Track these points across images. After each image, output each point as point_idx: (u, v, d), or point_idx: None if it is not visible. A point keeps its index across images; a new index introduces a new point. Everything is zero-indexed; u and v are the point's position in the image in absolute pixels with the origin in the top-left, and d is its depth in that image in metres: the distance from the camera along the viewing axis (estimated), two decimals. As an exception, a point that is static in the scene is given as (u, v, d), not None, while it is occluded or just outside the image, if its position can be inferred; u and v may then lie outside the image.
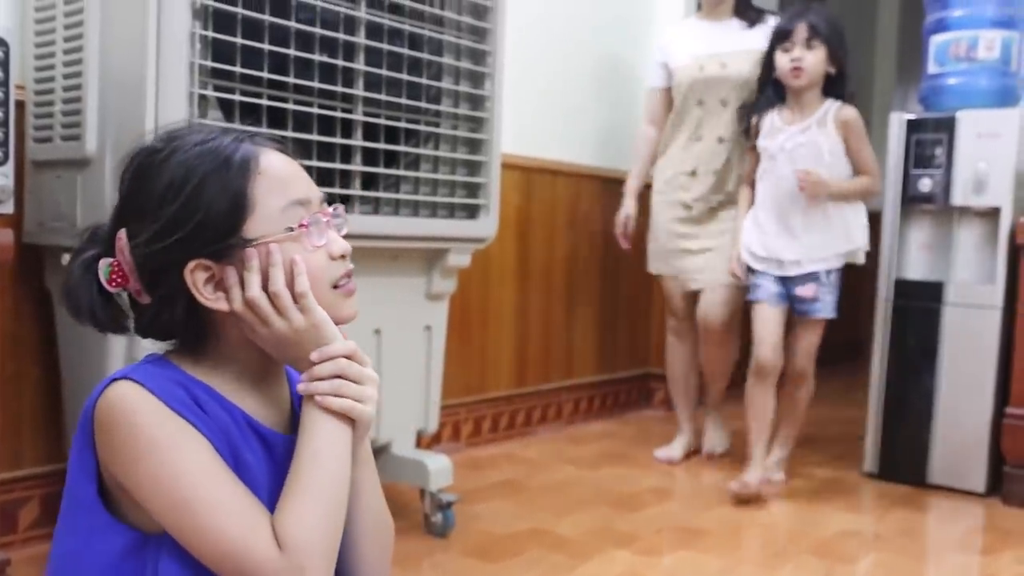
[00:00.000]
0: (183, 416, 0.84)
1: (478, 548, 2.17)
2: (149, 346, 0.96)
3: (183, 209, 0.86)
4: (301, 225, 0.89)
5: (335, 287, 0.92)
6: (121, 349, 1.78)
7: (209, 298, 0.88)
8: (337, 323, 0.91)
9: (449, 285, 2.28)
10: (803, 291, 2.71)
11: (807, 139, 2.67)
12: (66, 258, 1.77)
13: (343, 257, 0.92)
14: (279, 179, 0.89)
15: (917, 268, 2.97)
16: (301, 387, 0.89)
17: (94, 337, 1.82)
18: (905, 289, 2.93)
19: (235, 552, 0.81)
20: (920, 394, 2.87)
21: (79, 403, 1.92)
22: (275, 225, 0.88)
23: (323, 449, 0.88)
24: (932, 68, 2.98)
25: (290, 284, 0.88)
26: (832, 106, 2.70)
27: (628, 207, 3.14)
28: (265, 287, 0.87)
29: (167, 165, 0.87)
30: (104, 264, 0.90)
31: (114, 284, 0.89)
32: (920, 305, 2.89)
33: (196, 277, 0.87)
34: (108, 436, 0.85)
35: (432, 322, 2.27)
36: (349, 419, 0.90)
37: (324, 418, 0.89)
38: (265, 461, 0.90)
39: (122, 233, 0.89)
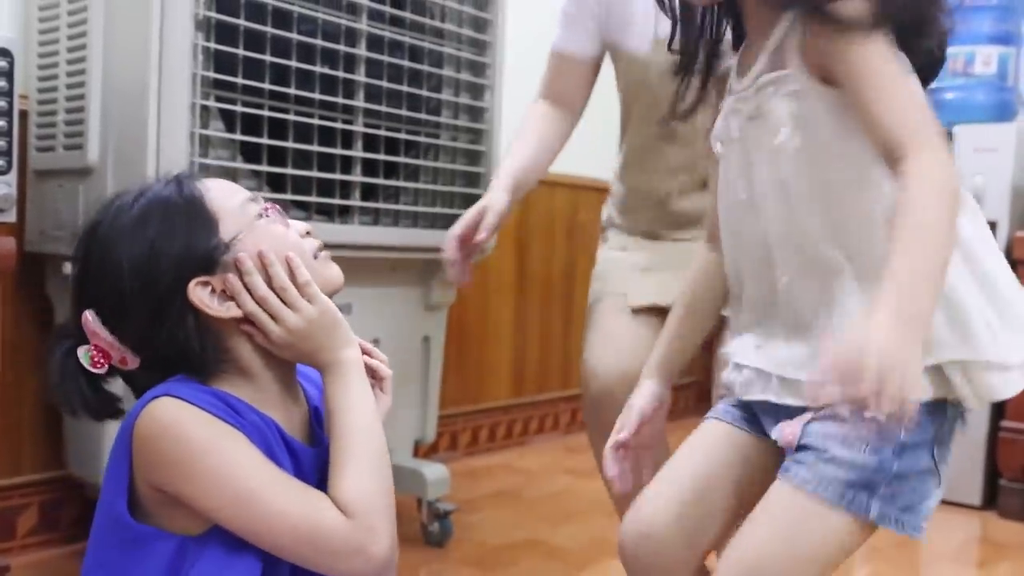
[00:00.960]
0: (226, 421, 0.88)
1: (475, 557, 2.18)
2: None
3: (155, 249, 0.89)
4: (266, 209, 0.95)
5: (315, 256, 0.97)
6: (121, 357, 1.79)
7: (218, 310, 0.90)
8: (329, 292, 0.96)
9: (448, 296, 2.29)
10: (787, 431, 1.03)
11: (756, 108, 1.02)
12: (68, 266, 1.80)
13: (308, 234, 0.98)
14: (223, 187, 0.95)
15: (914, 281, 2.99)
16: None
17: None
18: (902, 302, 2.95)
19: (307, 530, 0.85)
20: (916, 407, 2.88)
21: (79, 411, 1.92)
22: (243, 219, 0.93)
23: (358, 415, 0.92)
24: (929, 83, 3.01)
25: (292, 278, 0.91)
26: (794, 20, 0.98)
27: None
28: (271, 286, 0.91)
29: (117, 229, 0.91)
30: (83, 351, 0.92)
31: (99, 365, 0.91)
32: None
33: (200, 294, 0.90)
34: (154, 449, 0.86)
35: (430, 332, 2.28)
36: (370, 381, 0.97)
37: (351, 385, 0.93)
38: (293, 470, 0.92)
39: (88, 314, 0.91)
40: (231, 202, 0.93)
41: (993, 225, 2.79)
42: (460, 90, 2.21)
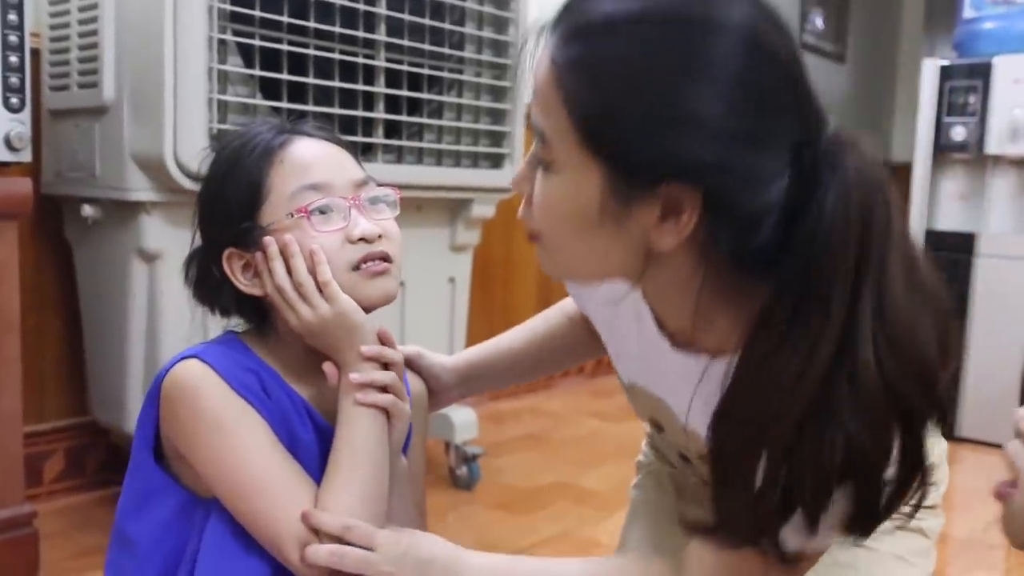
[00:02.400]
0: (246, 399, 0.87)
1: (504, 501, 2.16)
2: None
3: (211, 199, 0.91)
4: (299, 210, 0.87)
5: (356, 269, 0.89)
6: (143, 301, 1.76)
7: (245, 284, 0.89)
8: (363, 306, 0.89)
9: (473, 236, 2.24)
10: None
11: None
12: (86, 208, 1.76)
13: (364, 240, 0.89)
14: (298, 165, 0.89)
15: (948, 219, 2.91)
16: (359, 396, 0.88)
17: (115, 288, 1.80)
18: (935, 240, 2.88)
19: (277, 534, 0.84)
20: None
21: (100, 354, 1.91)
22: (284, 211, 0.88)
23: (354, 431, 0.88)
24: (968, 12, 2.90)
25: (313, 272, 0.87)
26: None
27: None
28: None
29: (213, 161, 0.92)
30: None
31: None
32: (951, 256, 2.83)
33: (232, 264, 0.89)
34: (173, 411, 0.87)
35: (456, 274, 2.24)
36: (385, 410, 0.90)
37: (364, 410, 0.89)
38: (317, 446, 0.91)
39: None
40: (288, 187, 0.88)
41: (1032, 160, 2.71)
42: (484, 23, 2.13)
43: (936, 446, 0.96)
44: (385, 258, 0.90)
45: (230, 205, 0.89)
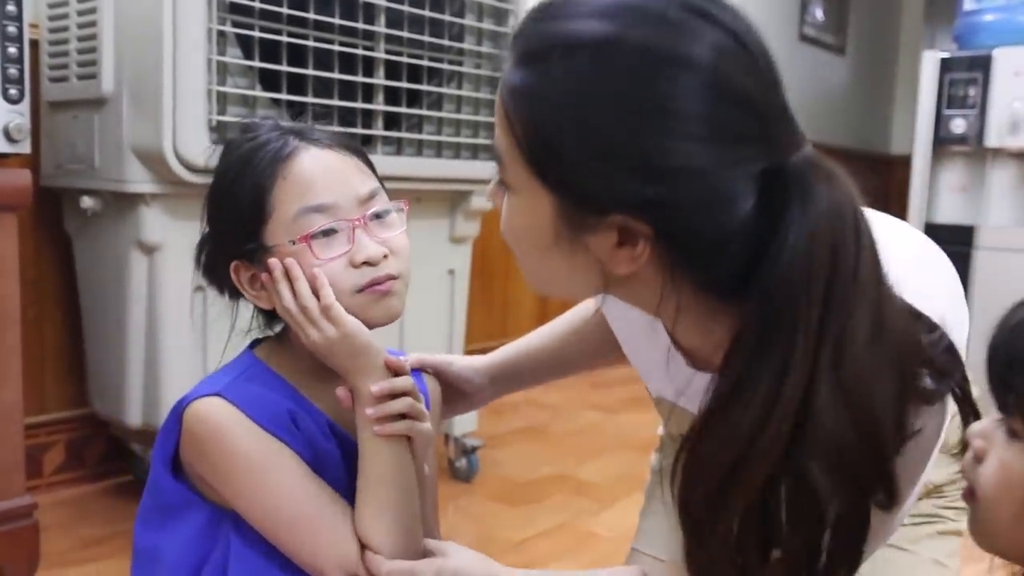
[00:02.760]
0: (275, 435, 0.86)
1: (502, 492, 2.16)
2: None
3: (217, 207, 0.90)
4: (302, 238, 0.85)
5: (361, 291, 0.87)
6: (142, 293, 1.76)
7: (253, 294, 0.90)
8: (368, 326, 0.87)
9: (472, 228, 2.24)
10: None
11: None
12: (85, 200, 1.76)
13: (367, 263, 0.87)
14: (301, 183, 0.87)
15: (948, 211, 2.91)
16: (376, 428, 0.87)
17: (114, 280, 1.80)
18: (935, 233, 2.86)
19: (320, 566, 0.85)
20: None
21: (100, 346, 1.91)
22: (287, 234, 0.86)
23: (386, 470, 0.87)
24: (968, 5, 2.89)
25: (317, 295, 0.86)
26: None
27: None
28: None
29: (221, 163, 0.91)
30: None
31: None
32: (950, 249, 2.81)
33: (240, 276, 0.89)
34: (200, 449, 0.87)
35: (456, 266, 2.24)
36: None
37: (384, 441, 0.88)
38: (342, 460, 0.91)
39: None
40: (290, 208, 0.86)
41: (1032, 152, 2.71)
42: (483, 15, 2.13)
43: None
44: (391, 277, 0.89)
45: (236, 217, 0.88)
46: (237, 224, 0.88)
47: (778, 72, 0.67)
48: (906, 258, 0.73)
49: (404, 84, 1.95)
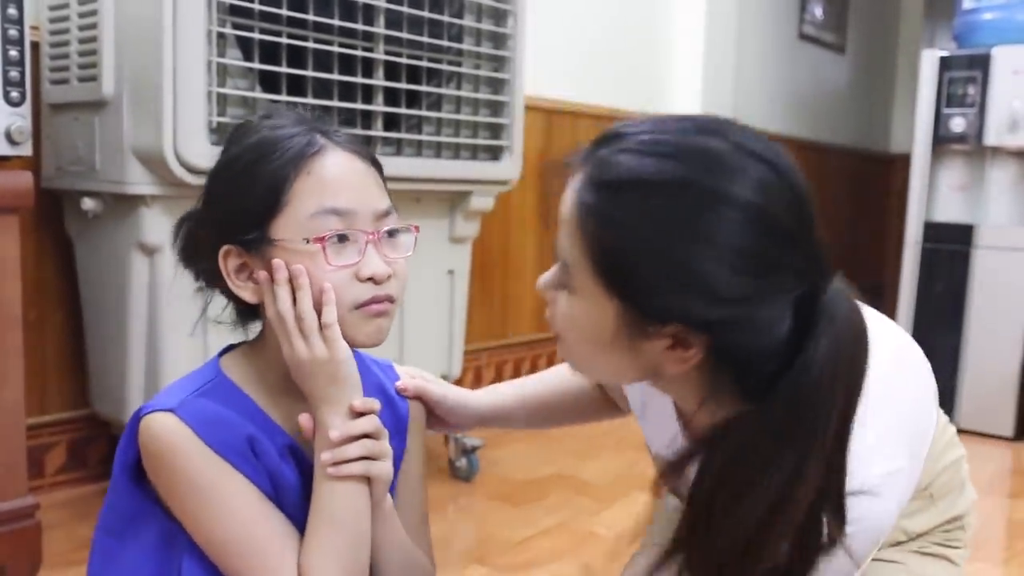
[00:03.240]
0: (227, 459, 0.85)
1: (502, 492, 2.17)
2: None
3: (224, 188, 0.87)
4: (317, 239, 0.83)
5: (359, 307, 0.86)
6: (143, 295, 1.76)
7: (238, 284, 0.87)
8: (353, 346, 0.87)
9: (472, 228, 2.25)
10: None
11: None
12: (86, 202, 1.77)
13: (372, 280, 0.86)
14: (323, 182, 0.84)
15: (947, 210, 2.92)
16: (331, 470, 0.85)
17: (115, 282, 1.81)
18: (934, 232, 2.88)
19: None
20: (948, 338, 2.84)
21: (101, 347, 1.92)
22: (300, 231, 0.84)
23: (339, 512, 0.86)
24: (967, 3, 2.90)
25: (318, 308, 0.84)
26: None
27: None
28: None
29: (234, 144, 0.89)
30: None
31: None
32: (950, 248, 2.84)
33: (228, 262, 0.87)
34: (150, 464, 0.86)
35: (455, 266, 2.24)
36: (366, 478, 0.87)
37: (340, 483, 0.86)
38: (300, 488, 0.90)
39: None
40: (308, 205, 0.84)
41: (1031, 151, 2.71)
42: (482, 15, 2.14)
43: (966, 495, 1.04)
44: (390, 299, 0.88)
45: (244, 203, 0.85)
46: (243, 209, 0.85)
47: (813, 206, 0.77)
48: (883, 361, 0.79)
49: (403, 85, 1.96)
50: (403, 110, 1.97)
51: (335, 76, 1.82)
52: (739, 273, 0.72)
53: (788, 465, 0.72)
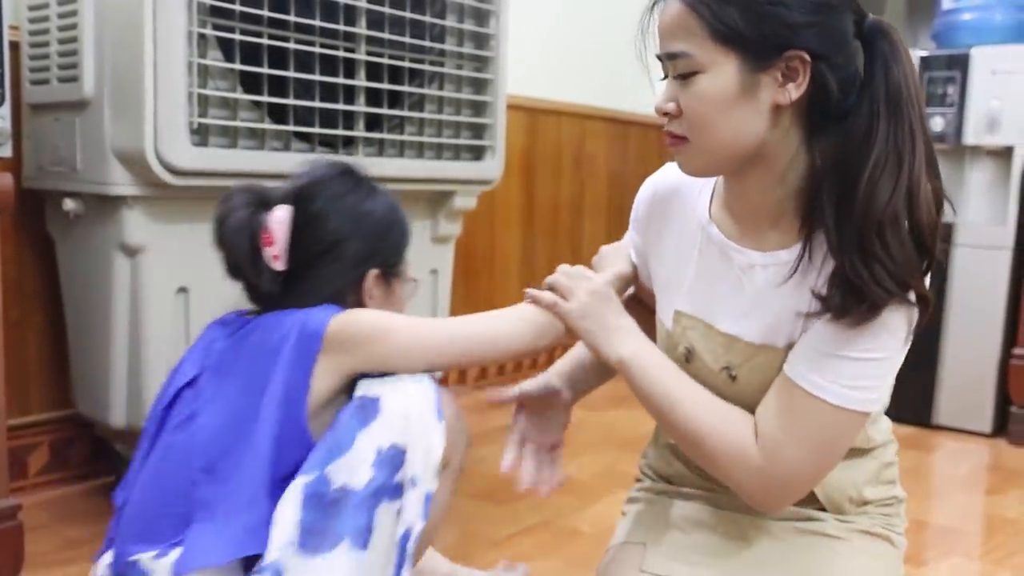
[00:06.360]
0: None
1: (486, 490, 2.18)
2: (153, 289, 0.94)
3: (383, 230, 1.15)
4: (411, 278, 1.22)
5: None
6: (125, 295, 1.76)
7: (374, 298, 1.13)
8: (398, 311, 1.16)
9: (455, 228, 2.26)
10: None
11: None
12: (68, 203, 1.77)
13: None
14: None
15: (927, 208, 2.94)
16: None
17: (97, 282, 1.81)
18: (914, 230, 2.90)
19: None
20: (927, 335, 2.86)
21: (83, 348, 1.92)
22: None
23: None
24: (947, 3, 2.92)
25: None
26: None
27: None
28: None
29: (377, 199, 1.15)
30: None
31: (266, 243, 1.07)
32: (929, 246, 2.86)
33: (372, 280, 1.13)
34: (353, 332, 1.04)
35: (438, 265, 2.25)
36: None
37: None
38: None
39: (286, 208, 1.08)
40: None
41: (1009, 150, 2.73)
42: (465, 16, 2.14)
43: (900, 488, 1.16)
44: None
45: (396, 244, 1.16)
46: (395, 247, 1.16)
47: None
48: None
49: (385, 85, 1.97)
50: (385, 110, 1.98)
51: (316, 77, 1.83)
52: None
53: (891, 149, 0.91)
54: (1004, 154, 2.76)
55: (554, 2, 3.27)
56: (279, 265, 1.06)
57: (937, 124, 2.82)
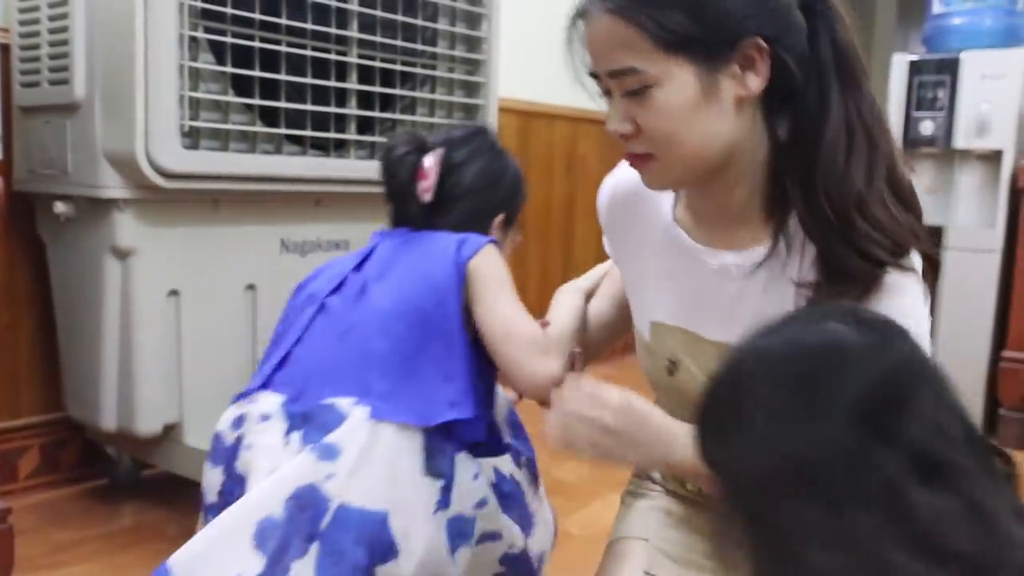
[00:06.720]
0: None
1: (478, 493, 2.18)
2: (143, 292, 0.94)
3: (509, 182, 1.27)
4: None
5: None
6: (116, 298, 1.76)
7: (499, 236, 1.23)
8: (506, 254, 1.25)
9: (447, 231, 2.26)
10: None
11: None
12: (59, 206, 1.76)
13: None
14: None
15: (917, 212, 2.95)
16: None
17: (88, 285, 1.80)
18: (905, 233, 2.91)
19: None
20: (918, 338, 2.87)
21: (74, 351, 1.91)
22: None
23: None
24: (936, 8, 2.93)
25: None
26: None
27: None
28: None
29: (501, 155, 1.27)
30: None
31: (421, 177, 1.19)
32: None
33: (496, 225, 1.24)
34: (484, 272, 1.15)
35: (430, 269, 2.25)
36: None
37: None
38: None
39: (439, 152, 1.20)
40: None
41: (998, 154, 2.75)
42: (456, 19, 2.15)
43: None
44: None
45: (519, 196, 1.28)
46: (516, 197, 1.27)
47: None
48: None
49: (377, 88, 1.97)
50: (377, 114, 1.98)
51: (308, 80, 1.83)
52: None
53: (850, 114, 0.89)
54: (993, 158, 2.77)
55: (546, 5, 3.27)
56: (427, 197, 1.19)
57: (927, 128, 2.84)
